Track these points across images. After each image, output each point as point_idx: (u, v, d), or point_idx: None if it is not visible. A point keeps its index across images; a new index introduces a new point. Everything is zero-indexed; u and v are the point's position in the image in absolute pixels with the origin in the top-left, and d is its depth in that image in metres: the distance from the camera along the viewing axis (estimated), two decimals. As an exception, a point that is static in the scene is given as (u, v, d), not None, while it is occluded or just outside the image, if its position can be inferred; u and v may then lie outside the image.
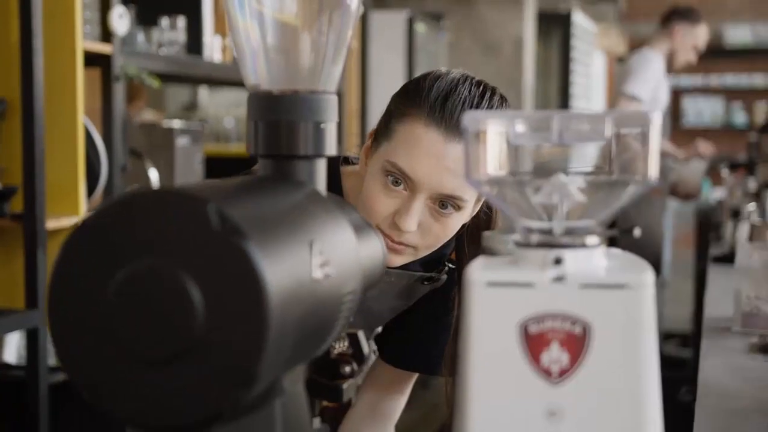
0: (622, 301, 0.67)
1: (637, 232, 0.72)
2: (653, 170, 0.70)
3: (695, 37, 4.48)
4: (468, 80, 1.31)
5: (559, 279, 0.68)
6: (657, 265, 4.79)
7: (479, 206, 1.39)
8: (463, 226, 1.37)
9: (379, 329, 1.58)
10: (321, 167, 0.83)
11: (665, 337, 5.61)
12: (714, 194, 9.50)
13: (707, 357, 1.72)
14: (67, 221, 2.54)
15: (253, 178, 0.79)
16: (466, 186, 1.26)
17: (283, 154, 0.82)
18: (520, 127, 0.72)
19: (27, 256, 2.42)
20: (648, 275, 0.69)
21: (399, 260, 1.34)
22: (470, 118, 0.72)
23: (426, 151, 1.25)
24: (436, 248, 1.35)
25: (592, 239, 0.71)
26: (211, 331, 0.62)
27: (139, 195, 0.64)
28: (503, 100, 1.35)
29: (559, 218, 0.71)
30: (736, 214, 3.28)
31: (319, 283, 0.70)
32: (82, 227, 0.65)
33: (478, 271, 0.69)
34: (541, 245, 0.71)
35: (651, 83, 4.36)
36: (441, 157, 1.25)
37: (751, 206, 3.16)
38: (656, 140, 0.70)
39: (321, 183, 0.83)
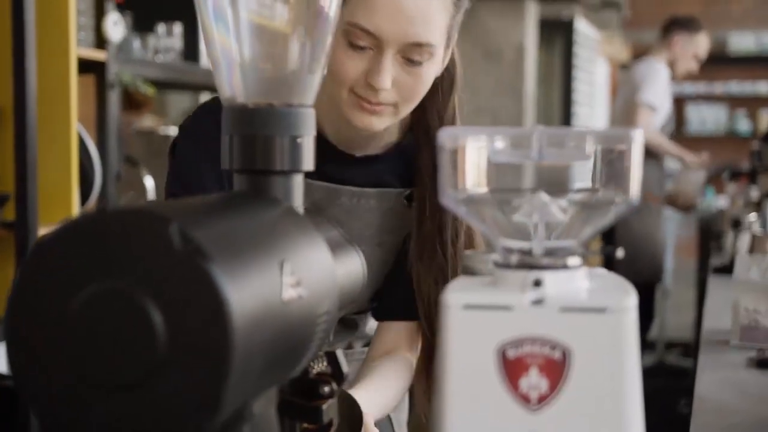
0: (603, 326, 0.65)
1: (619, 253, 0.69)
2: (635, 189, 0.68)
3: (696, 46, 4.47)
4: None
5: (539, 302, 0.66)
6: (657, 273, 4.75)
7: (448, 55, 1.35)
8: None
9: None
10: (298, 182, 0.81)
11: (667, 346, 5.57)
12: (716, 202, 9.49)
13: (705, 370, 1.69)
14: (60, 229, 2.51)
15: (226, 196, 0.77)
16: (431, 30, 1.24)
17: (258, 169, 0.79)
18: (499, 144, 0.69)
19: (18, 263, 2.40)
20: (630, 298, 0.66)
21: (380, 122, 1.31)
22: (447, 134, 0.70)
23: (383, 3, 1.23)
24: (415, 103, 1.31)
25: (573, 260, 0.68)
26: (173, 356, 0.60)
27: (101, 214, 0.62)
28: None
29: (539, 238, 0.69)
30: (737, 224, 3.25)
31: (291, 304, 0.67)
32: (41, 246, 0.62)
33: (455, 293, 0.67)
34: (521, 266, 0.68)
35: (661, 92, 4.40)
36: (399, 6, 1.23)
37: (752, 216, 3.14)
38: (638, 159, 0.67)
39: (297, 199, 0.81)
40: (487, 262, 0.73)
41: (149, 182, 2.97)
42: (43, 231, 2.46)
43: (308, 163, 0.81)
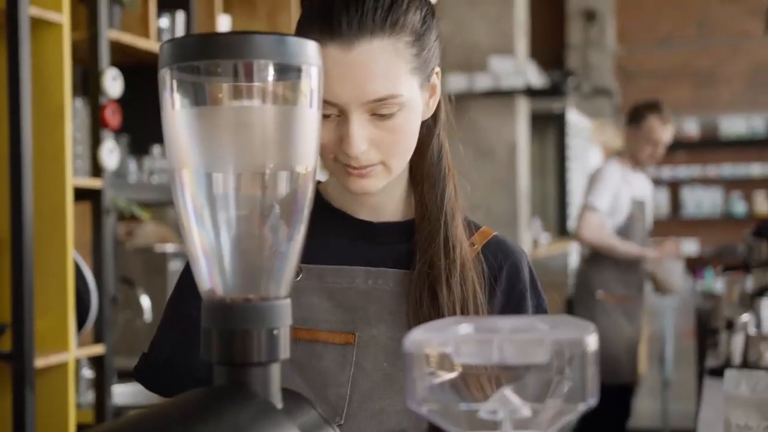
0: None
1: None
2: (592, 392, 0.71)
3: (662, 131, 4.50)
4: None
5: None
6: (634, 371, 4.69)
7: (435, 94, 1.28)
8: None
9: None
10: (275, 372, 0.84)
11: (671, 437, 5.54)
12: (715, 284, 9.48)
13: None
14: (56, 359, 2.53)
15: (203, 397, 0.80)
16: (390, 81, 1.17)
17: (237, 362, 0.82)
18: (464, 348, 0.73)
19: (15, 395, 2.41)
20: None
21: (374, 183, 1.23)
22: (411, 340, 0.73)
23: (330, 69, 1.16)
24: (405, 155, 1.23)
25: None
26: None
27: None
28: None
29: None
30: (730, 325, 3.26)
31: None
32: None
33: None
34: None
35: (609, 193, 4.44)
36: (348, 67, 1.16)
37: (745, 317, 3.14)
38: (594, 363, 0.71)
39: (275, 388, 0.84)
40: (457, 454, 0.75)
41: (146, 302, 3.00)
42: (39, 361, 2.48)
43: (285, 352, 0.84)
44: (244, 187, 0.85)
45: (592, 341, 0.71)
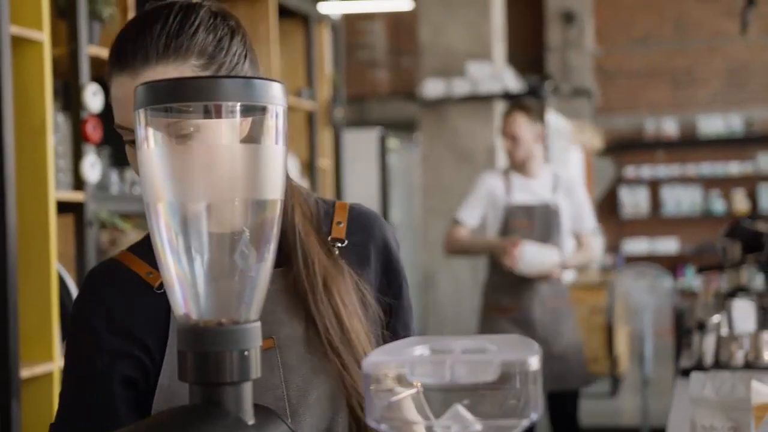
0: None
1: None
2: (535, 407, 0.77)
3: (514, 125, 4.30)
4: (151, 10, 1.24)
5: None
6: (584, 374, 4.57)
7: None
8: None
9: None
10: (247, 390, 0.90)
11: (651, 435, 5.62)
12: (695, 282, 9.58)
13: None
14: (41, 369, 2.58)
15: (174, 415, 0.86)
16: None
17: (210, 381, 0.88)
18: (418, 369, 0.79)
19: (1, 406, 2.46)
20: None
21: None
22: (369, 362, 0.79)
23: (121, 97, 1.22)
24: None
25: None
26: None
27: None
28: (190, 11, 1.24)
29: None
30: (701, 326, 3.32)
31: None
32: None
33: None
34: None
35: (472, 205, 4.33)
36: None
37: (716, 318, 3.20)
38: (537, 380, 0.77)
39: (247, 405, 0.90)
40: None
41: (129, 311, 3.04)
42: (24, 372, 2.53)
43: (256, 371, 0.91)
44: (215, 218, 0.91)
45: (535, 361, 0.78)
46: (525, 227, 4.26)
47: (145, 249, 1.30)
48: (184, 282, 0.91)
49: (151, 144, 0.91)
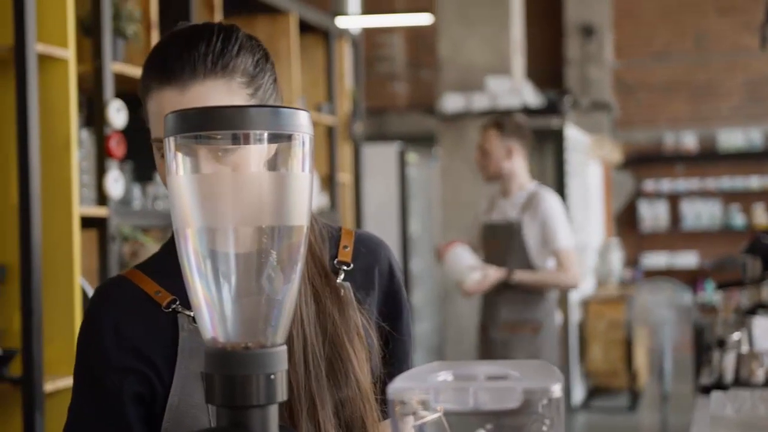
0: None
1: None
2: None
3: (485, 138, 4.24)
4: (189, 28, 1.28)
5: None
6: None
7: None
8: None
9: None
10: (273, 413, 0.92)
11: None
12: (714, 297, 9.53)
13: None
14: (64, 383, 2.61)
15: (207, 439, 0.87)
16: None
17: (237, 405, 0.90)
18: (442, 396, 0.80)
19: (25, 419, 2.49)
20: None
21: None
22: (394, 388, 0.81)
23: (168, 110, 1.15)
24: None
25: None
26: None
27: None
28: (230, 34, 1.27)
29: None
30: (721, 344, 3.31)
31: None
32: None
33: None
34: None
35: (473, 228, 4.30)
36: (184, 107, 1.20)
37: (736, 335, 3.20)
38: (560, 407, 0.78)
39: (273, 428, 0.91)
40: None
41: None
42: (48, 386, 2.55)
43: (282, 394, 0.92)
44: (243, 243, 0.93)
45: (557, 388, 0.79)
46: (492, 246, 4.21)
47: (155, 268, 1.32)
48: (212, 306, 0.93)
49: (180, 171, 0.92)
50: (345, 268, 1.35)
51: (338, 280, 1.33)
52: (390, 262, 1.41)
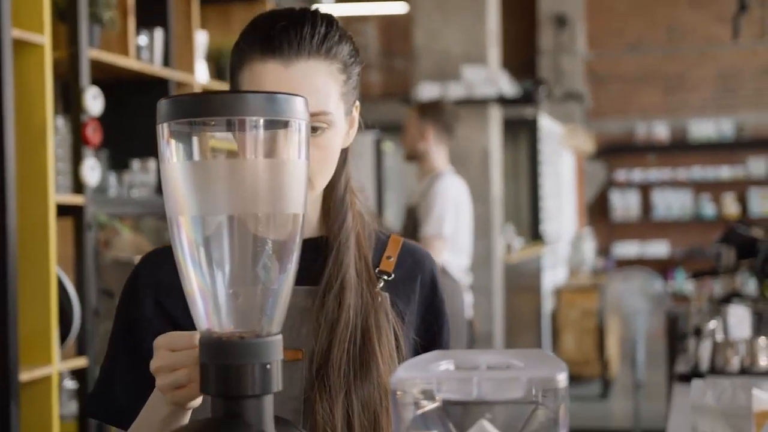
0: None
1: None
2: (563, 424, 0.77)
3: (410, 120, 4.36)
4: (290, 9, 1.30)
5: None
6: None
7: (354, 128, 1.35)
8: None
9: None
10: (268, 403, 0.90)
11: (642, 438, 5.63)
12: (687, 286, 9.61)
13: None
14: (40, 372, 2.58)
15: (197, 427, 0.86)
16: (322, 99, 1.24)
17: (232, 395, 0.89)
18: (444, 386, 0.79)
19: (0, 409, 2.45)
20: None
21: None
22: (397, 378, 0.80)
23: (271, 83, 1.24)
24: (327, 175, 1.29)
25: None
26: None
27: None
28: (331, 22, 1.29)
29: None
30: (698, 332, 3.33)
31: None
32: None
33: None
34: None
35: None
36: (286, 81, 1.23)
37: (712, 324, 3.21)
38: (564, 397, 0.77)
39: (268, 417, 0.90)
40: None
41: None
42: (24, 375, 2.52)
43: (277, 384, 0.91)
44: (237, 232, 0.91)
45: (563, 378, 0.78)
46: (405, 230, 4.23)
47: None
48: (207, 295, 0.91)
49: (174, 158, 0.91)
50: (385, 278, 1.35)
51: (377, 288, 1.33)
52: (434, 275, 1.40)
